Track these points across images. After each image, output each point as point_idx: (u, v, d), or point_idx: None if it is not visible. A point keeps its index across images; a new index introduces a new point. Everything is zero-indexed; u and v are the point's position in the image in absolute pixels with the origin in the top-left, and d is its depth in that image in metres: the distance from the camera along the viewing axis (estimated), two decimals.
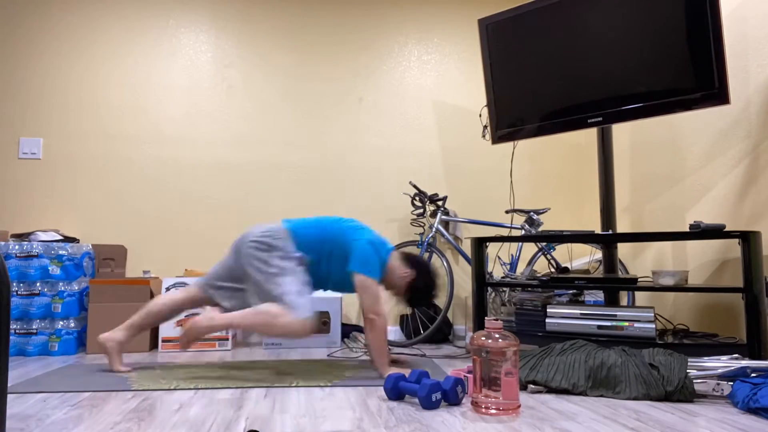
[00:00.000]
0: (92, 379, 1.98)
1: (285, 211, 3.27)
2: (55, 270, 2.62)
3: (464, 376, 1.78)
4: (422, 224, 3.28)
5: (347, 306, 3.26)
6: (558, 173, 3.56)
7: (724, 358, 1.87)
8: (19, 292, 2.58)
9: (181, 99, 3.24)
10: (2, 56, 3.10)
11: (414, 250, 3.34)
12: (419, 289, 2.23)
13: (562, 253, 3.31)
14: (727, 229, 2.26)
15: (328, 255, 2.18)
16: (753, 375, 1.71)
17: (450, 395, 1.64)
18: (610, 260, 2.54)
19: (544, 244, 3.03)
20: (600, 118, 2.49)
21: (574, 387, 1.79)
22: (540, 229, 2.84)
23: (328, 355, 2.58)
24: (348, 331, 3.11)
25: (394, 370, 2.02)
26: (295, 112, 3.35)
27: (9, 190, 3.05)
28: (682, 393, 1.69)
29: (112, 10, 3.22)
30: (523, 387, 1.85)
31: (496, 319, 1.61)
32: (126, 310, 2.67)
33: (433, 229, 3.08)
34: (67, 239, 2.82)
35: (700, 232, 2.07)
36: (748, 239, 2.00)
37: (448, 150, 3.46)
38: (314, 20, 3.41)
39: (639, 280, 2.40)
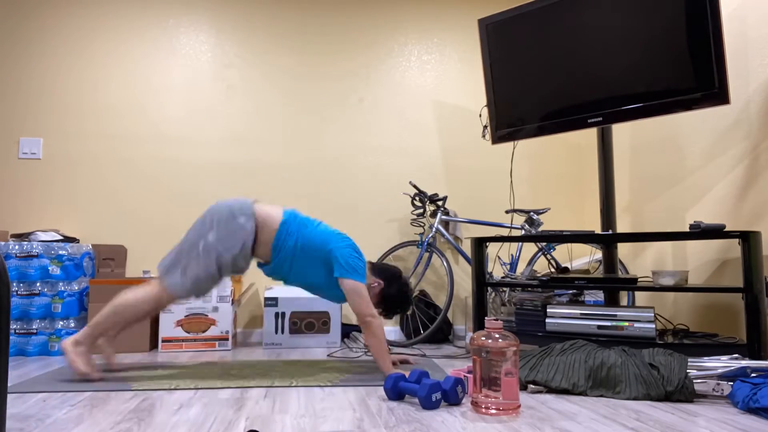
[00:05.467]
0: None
1: None
2: (55, 270, 2.62)
3: (464, 376, 1.78)
4: (422, 224, 3.28)
5: (347, 306, 3.25)
6: (558, 173, 3.56)
7: (724, 358, 1.87)
8: (19, 292, 2.58)
9: (181, 99, 3.24)
10: (2, 56, 3.10)
11: (414, 250, 3.34)
12: (392, 296, 2.23)
13: (562, 253, 3.31)
14: (727, 229, 2.26)
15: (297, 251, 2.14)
16: (753, 375, 1.71)
17: (450, 395, 1.63)
18: (610, 260, 2.54)
19: (544, 244, 3.03)
20: (600, 118, 2.49)
21: (574, 387, 1.79)
22: (540, 229, 2.84)
23: (328, 355, 2.58)
24: (348, 331, 3.11)
25: (399, 370, 2.01)
26: (295, 112, 3.34)
27: (9, 190, 3.05)
28: (682, 393, 1.69)
29: (111, 10, 3.22)
30: (523, 387, 1.85)
31: (496, 319, 1.61)
32: None
33: (433, 229, 3.08)
34: (67, 239, 2.81)
35: (700, 232, 2.07)
36: (748, 239, 2.00)
37: (448, 150, 3.46)
38: (314, 20, 3.41)
39: (639, 280, 2.40)
